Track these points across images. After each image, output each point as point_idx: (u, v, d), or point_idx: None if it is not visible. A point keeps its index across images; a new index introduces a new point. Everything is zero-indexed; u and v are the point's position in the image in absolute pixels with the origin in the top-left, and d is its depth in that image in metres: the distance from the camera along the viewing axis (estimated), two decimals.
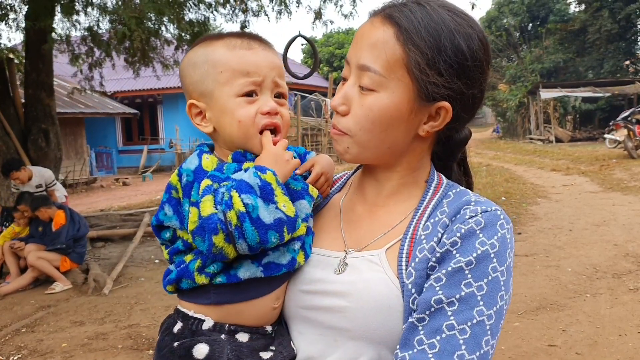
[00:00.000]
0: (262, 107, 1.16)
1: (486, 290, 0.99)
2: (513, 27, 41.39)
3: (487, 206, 1.09)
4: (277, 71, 1.19)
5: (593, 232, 8.52)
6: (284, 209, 1.05)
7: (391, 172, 1.19)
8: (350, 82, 1.13)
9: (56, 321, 5.93)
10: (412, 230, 1.12)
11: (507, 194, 12.35)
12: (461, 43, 1.07)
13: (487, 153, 26.30)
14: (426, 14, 1.07)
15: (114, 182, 21.40)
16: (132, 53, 10.07)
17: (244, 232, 1.01)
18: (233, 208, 1.01)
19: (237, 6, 9.76)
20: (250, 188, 1.04)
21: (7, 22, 10.12)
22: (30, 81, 9.51)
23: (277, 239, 1.04)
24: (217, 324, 1.13)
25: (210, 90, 1.17)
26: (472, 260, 1.01)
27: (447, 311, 0.98)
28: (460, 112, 1.13)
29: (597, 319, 5.11)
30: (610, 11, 33.08)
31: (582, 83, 31.37)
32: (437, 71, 1.06)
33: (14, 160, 8.34)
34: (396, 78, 1.07)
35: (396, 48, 1.06)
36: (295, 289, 1.16)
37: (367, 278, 1.08)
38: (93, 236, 9.46)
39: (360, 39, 1.12)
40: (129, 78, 13.19)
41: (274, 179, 1.07)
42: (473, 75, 1.10)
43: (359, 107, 1.11)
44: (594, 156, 19.45)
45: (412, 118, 1.11)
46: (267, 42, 1.22)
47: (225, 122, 1.17)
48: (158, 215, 1.18)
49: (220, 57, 1.16)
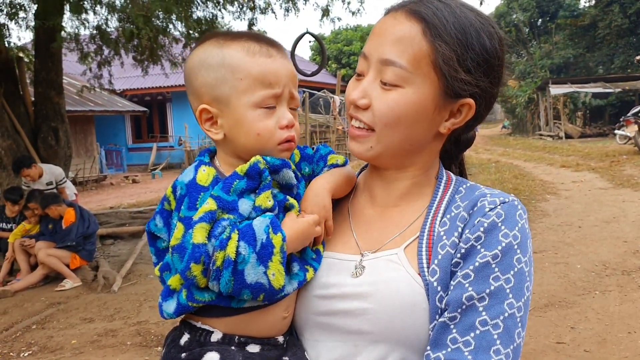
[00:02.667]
0: (281, 121, 1.12)
1: (514, 282, 1.00)
2: (522, 22, 41.20)
3: (504, 197, 1.09)
4: (294, 82, 1.15)
5: (603, 229, 8.46)
6: (272, 278, 1.00)
7: (403, 172, 1.18)
8: (370, 77, 1.10)
9: (66, 318, 5.98)
10: (429, 227, 1.10)
11: (516, 190, 12.29)
12: (487, 42, 1.07)
13: (496, 149, 26.21)
14: (451, 12, 1.07)
15: (124, 179, 21.51)
16: (141, 51, 10.12)
17: (220, 277, 0.98)
18: (225, 250, 0.98)
19: (245, 3, 9.76)
20: (252, 239, 0.99)
21: (16, 21, 10.20)
22: (40, 80, 9.57)
23: (250, 298, 1.01)
24: (226, 336, 1.09)
25: (227, 96, 1.10)
26: (498, 253, 1.01)
27: (478, 307, 0.98)
28: (482, 110, 1.13)
29: (606, 316, 5.08)
30: (620, 6, 32.84)
31: (592, 79, 31.17)
32: (465, 68, 1.06)
33: (25, 157, 8.40)
34: (422, 74, 1.06)
35: (423, 44, 1.05)
36: (309, 295, 1.13)
37: (388, 278, 1.06)
38: (103, 234, 9.51)
39: (383, 34, 1.09)
40: (138, 76, 13.24)
41: (280, 244, 1.02)
42: (497, 73, 1.11)
43: (382, 102, 1.08)
44: (604, 152, 19.30)
45: (436, 115, 1.10)
46: (282, 47, 1.18)
47: (240, 132, 1.12)
48: (149, 224, 1.15)
49: (240, 62, 1.10)
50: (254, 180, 1.08)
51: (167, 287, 1.10)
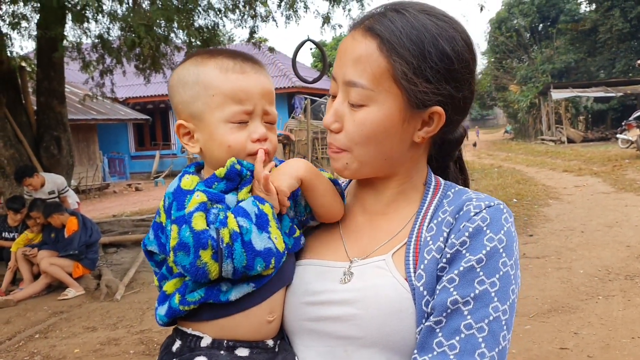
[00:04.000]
0: (252, 134, 1.15)
1: (499, 285, 1.00)
2: (523, 27, 41.26)
3: (489, 201, 1.09)
4: (268, 98, 1.18)
5: (605, 234, 8.45)
6: (275, 241, 1.05)
7: (389, 180, 1.19)
8: (339, 98, 1.13)
9: (69, 327, 5.98)
10: (417, 233, 1.11)
11: (518, 195, 12.29)
12: (445, 47, 1.06)
13: (498, 154, 26.21)
14: (406, 22, 1.06)
15: (127, 187, 21.54)
16: (143, 60, 10.16)
17: (233, 252, 1.01)
18: (227, 226, 1.02)
19: (246, 12, 9.80)
20: (247, 214, 1.04)
21: (19, 31, 10.24)
22: (42, 89, 9.61)
23: (263, 267, 1.04)
24: (215, 341, 1.12)
25: (201, 112, 1.16)
26: (482, 257, 1.01)
27: (463, 311, 0.99)
28: (453, 115, 1.13)
29: (609, 322, 5.07)
30: (621, 10, 32.86)
31: (593, 83, 31.20)
32: (424, 78, 1.06)
33: (27, 167, 8.42)
34: (384, 90, 1.07)
35: (380, 60, 1.06)
36: (298, 301, 1.14)
37: (376, 284, 1.07)
38: (105, 242, 9.52)
39: (344, 55, 1.11)
40: (140, 84, 13.30)
41: (271, 211, 1.07)
42: (461, 77, 1.09)
43: (351, 123, 1.11)
44: (606, 156, 19.30)
45: (406, 127, 1.10)
46: (260, 63, 1.21)
47: (214, 145, 1.16)
48: (144, 240, 1.18)
49: (212, 79, 1.15)
50: (233, 182, 1.12)
51: (162, 292, 1.15)
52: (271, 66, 27.35)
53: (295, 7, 8.99)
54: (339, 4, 9.15)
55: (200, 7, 9.67)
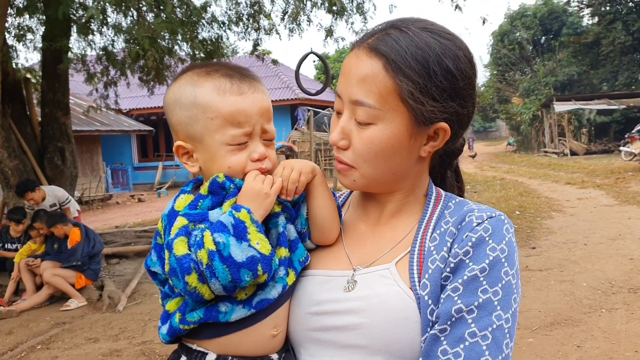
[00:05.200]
0: (252, 154, 1.16)
1: (502, 294, 1.02)
2: (526, 40, 41.35)
3: (491, 212, 1.12)
4: (266, 116, 1.19)
5: (608, 246, 8.43)
6: (258, 247, 1.04)
7: (393, 194, 1.22)
8: (346, 116, 1.14)
9: (71, 338, 5.98)
10: (420, 242, 1.13)
11: (521, 207, 12.27)
12: (450, 65, 1.08)
13: (501, 167, 26.18)
14: (410, 41, 1.08)
15: (130, 198, 21.57)
16: (147, 72, 10.22)
17: (214, 271, 1.00)
18: (204, 247, 1.01)
19: (250, 25, 9.86)
20: (223, 227, 1.03)
21: (24, 43, 10.33)
22: (47, 100, 9.68)
23: (251, 277, 1.03)
24: (219, 357, 1.12)
25: (200, 135, 1.16)
26: (486, 267, 1.04)
27: (467, 319, 1.00)
28: (458, 129, 1.16)
29: (612, 335, 5.05)
30: (623, 23, 32.92)
31: (596, 95, 31.17)
32: (431, 97, 1.08)
33: (29, 181, 8.44)
34: (391, 109, 1.09)
35: (387, 80, 1.07)
36: (303, 312, 1.15)
37: (380, 292, 1.09)
38: (108, 253, 9.53)
39: (349, 74, 1.12)
40: (144, 96, 13.36)
41: (248, 216, 1.06)
42: (465, 93, 1.12)
43: (358, 141, 1.12)
44: (609, 169, 19.26)
45: (413, 143, 1.13)
46: (256, 79, 1.21)
47: (214, 165, 1.17)
48: (147, 261, 1.19)
49: (210, 101, 1.14)
50: (218, 196, 1.13)
51: (165, 311, 1.16)
52: (274, 78, 27.46)
53: (299, 20, 9.04)
54: (342, 17, 9.19)
55: (204, 19, 9.74)
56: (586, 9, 37.27)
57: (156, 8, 8.40)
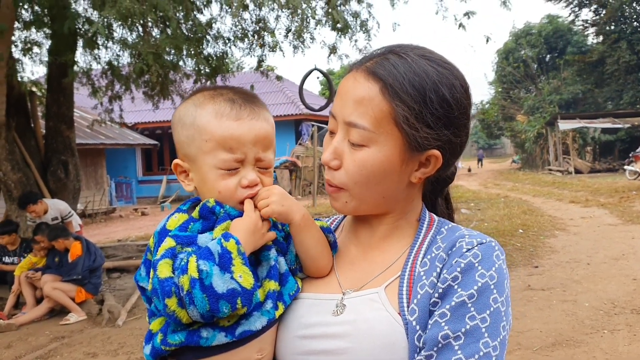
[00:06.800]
0: (242, 181, 1.16)
1: (490, 322, 1.01)
2: (531, 58, 41.47)
3: (482, 238, 1.11)
4: (262, 144, 1.18)
5: (612, 266, 8.37)
6: (240, 280, 1.02)
7: (384, 217, 1.21)
8: (339, 136, 1.15)
9: (69, 352, 5.96)
10: (410, 267, 1.12)
11: (524, 226, 12.22)
12: (446, 94, 1.09)
13: (505, 184, 26.13)
14: (408, 67, 1.09)
15: (133, 212, 21.60)
16: (151, 86, 10.27)
17: (193, 299, 1.00)
18: (187, 273, 1.00)
19: (255, 41, 9.92)
20: (210, 254, 1.03)
21: (30, 56, 10.41)
22: (51, 114, 9.73)
23: (229, 309, 1.02)
24: None
25: (194, 155, 1.18)
26: (474, 293, 1.02)
27: (454, 346, 0.99)
28: (450, 158, 1.16)
29: (614, 357, 5.00)
30: (628, 42, 33.02)
31: (601, 114, 31.21)
32: (425, 124, 1.08)
33: (32, 193, 8.48)
34: (385, 132, 1.09)
35: (383, 104, 1.08)
36: (290, 335, 1.14)
37: (368, 317, 1.08)
38: (109, 267, 9.52)
39: (345, 95, 1.13)
40: (149, 110, 13.42)
41: (236, 247, 1.05)
42: (460, 123, 1.13)
43: (351, 162, 1.13)
44: (613, 188, 19.20)
45: (404, 168, 1.13)
46: (260, 105, 1.21)
47: (205, 188, 1.19)
48: (136, 275, 1.19)
49: (207, 124, 1.16)
50: (209, 221, 1.14)
51: (149, 331, 1.15)
52: (279, 93, 27.59)
53: (303, 37, 9.08)
54: (346, 34, 9.24)
55: (209, 35, 9.80)
56: (591, 27, 37.44)
57: (162, 24, 8.47)
